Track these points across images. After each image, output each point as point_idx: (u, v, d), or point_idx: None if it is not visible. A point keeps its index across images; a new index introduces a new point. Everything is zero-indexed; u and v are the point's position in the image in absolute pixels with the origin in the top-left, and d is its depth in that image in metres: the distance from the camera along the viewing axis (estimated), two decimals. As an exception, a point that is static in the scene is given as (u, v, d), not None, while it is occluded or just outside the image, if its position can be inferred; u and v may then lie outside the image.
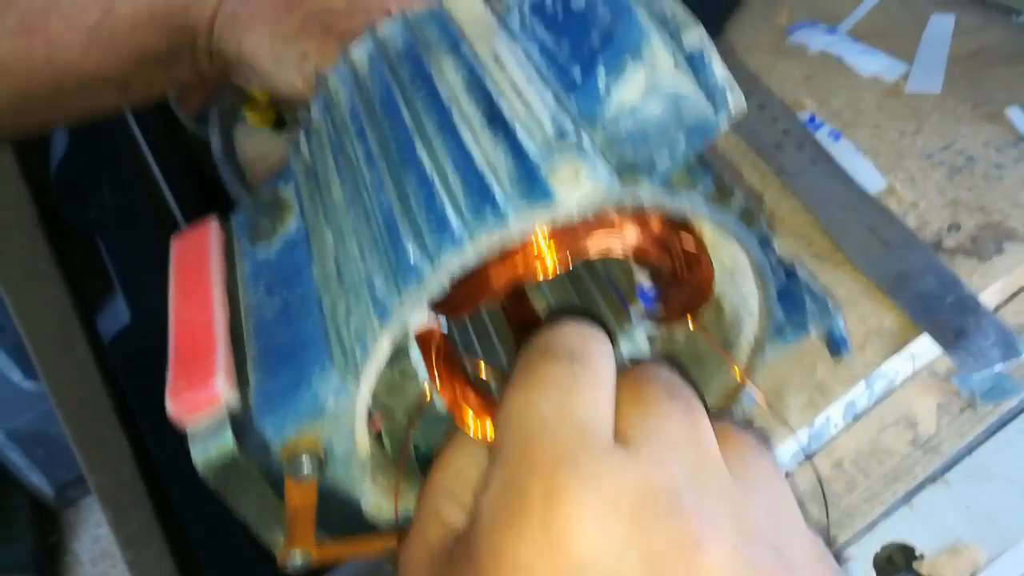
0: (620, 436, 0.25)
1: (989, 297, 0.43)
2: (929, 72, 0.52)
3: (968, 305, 0.40)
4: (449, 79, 0.30)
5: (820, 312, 0.34)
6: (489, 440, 0.29)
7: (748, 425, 0.30)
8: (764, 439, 0.29)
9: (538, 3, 0.30)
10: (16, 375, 1.40)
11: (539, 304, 0.39)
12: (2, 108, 0.48)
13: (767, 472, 0.27)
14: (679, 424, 0.26)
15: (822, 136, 0.50)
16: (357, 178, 0.30)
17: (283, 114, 0.49)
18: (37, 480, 1.47)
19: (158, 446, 1.01)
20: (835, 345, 0.35)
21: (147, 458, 1.04)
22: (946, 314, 0.40)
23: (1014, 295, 0.45)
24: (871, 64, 0.54)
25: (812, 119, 0.51)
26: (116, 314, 0.96)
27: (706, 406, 0.28)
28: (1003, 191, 0.45)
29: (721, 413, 0.34)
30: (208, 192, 0.80)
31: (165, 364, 0.31)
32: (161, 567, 1.04)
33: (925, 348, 0.43)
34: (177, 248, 0.35)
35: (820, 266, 0.44)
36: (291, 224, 0.34)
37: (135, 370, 0.97)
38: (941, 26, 0.55)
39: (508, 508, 0.24)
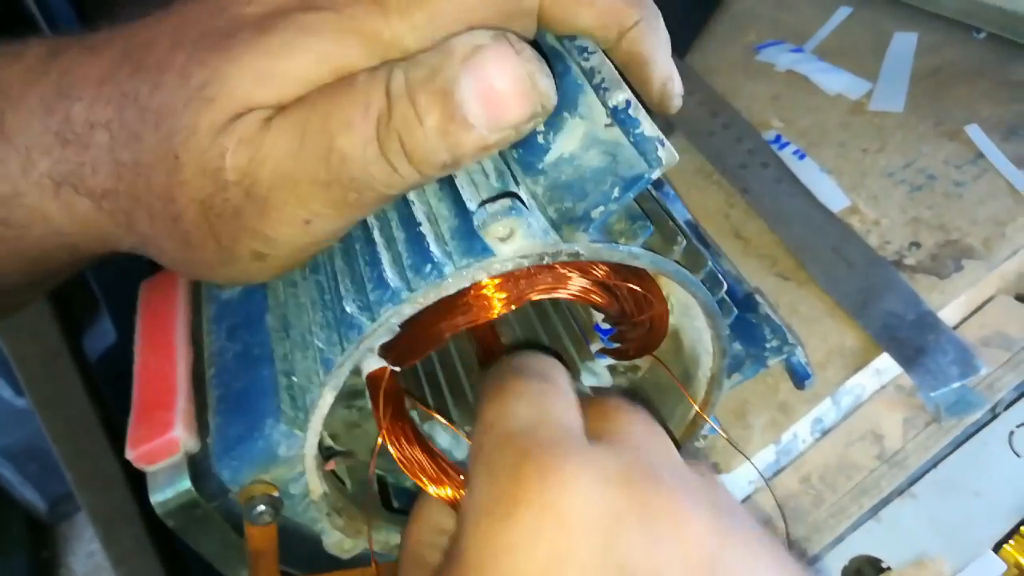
0: (593, 435, 0.27)
1: (949, 314, 0.44)
2: (892, 90, 0.53)
3: (927, 322, 0.41)
4: None
5: (780, 345, 0.35)
6: (436, 495, 0.30)
7: (700, 458, 0.31)
8: (712, 474, 0.31)
9: None
10: (7, 392, 1.40)
11: (507, 338, 0.40)
12: None
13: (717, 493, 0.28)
14: (643, 428, 0.27)
15: (787, 155, 0.51)
16: None
17: None
18: (30, 495, 1.47)
19: (148, 463, 1.01)
20: (796, 377, 0.36)
21: (137, 475, 1.03)
22: (906, 332, 0.41)
23: (975, 310, 0.46)
24: (836, 83, 0.55)
25: (778, 138, 0.52)
26: (103, 333, 0.97)
27: (671, 435, 0.29)
28: (962, 209, 0.46)
29: (681, 444, 0.35)
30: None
31: None
32: (154, 582, 1.04)
33: (890, 364, 0.44)
34: (145, 292, 0.36)
35: (784, 285, 0.45)
36: None
37: (122, 388, 0.97)
38: (904, 44, 0.56)
39: (499, 493, 0.24)
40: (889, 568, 0.40)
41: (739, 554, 0.25)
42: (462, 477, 0.30)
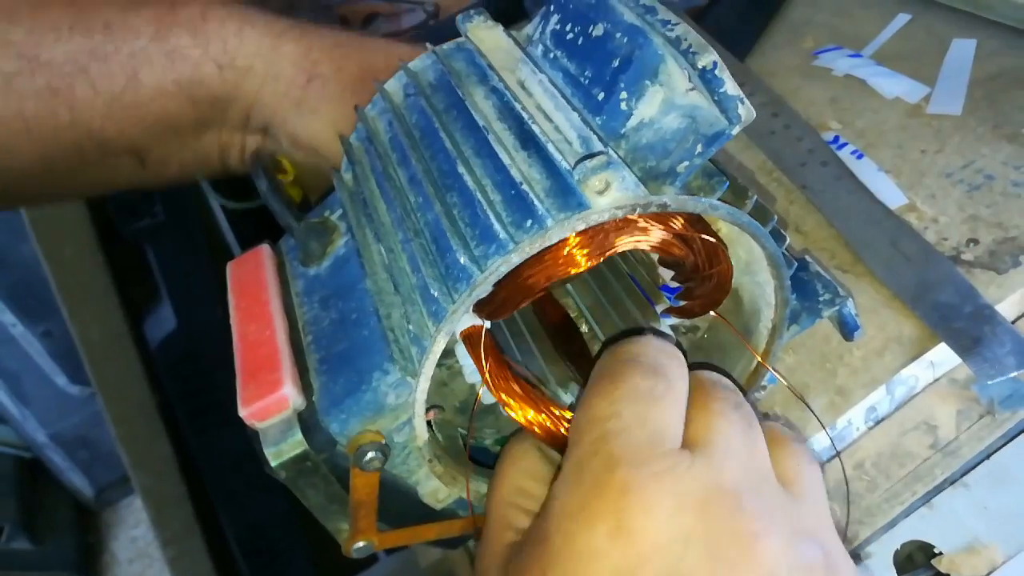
0: (688, 441, 0.29)
1: (1007, 308, 0.45)
2: (950, 94, 0.54)
3: (985, 315, 0.42)
4: (481, 107, 0.33)
5: (832, 297, 0.37)
6: (537, 429, 0.32)
7: (796, 432, 0.33)
8: (804, 443, 0.33)
9: (560, 33, 0.33)
10: (62, 380, 1.45)
11: (568, 303, 0.42)
12: (29, 171, 0.48)
13: (811, 477, 0.31)
14: (739, 436, 0.29)
15: (845, 155, 0.52)
16: (404, 200, 0.34)
17: (308, 195, 0.51)
18: (78, 481, 1.52)
19: (200, 449, 1.05)
20: (846, 327, 0.38)
21: (189, 460, 1.07)
22: (963, 323, 0.42)
23: (1033, 308, 0.47)
24: (894, 86, 0.56)
25: (836, 139, 0.53)
26: (163, 320, 1.00)
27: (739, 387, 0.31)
28: (1020, 208, 0.47)
29: (746, 394, 0.37)
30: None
31: (210, 369, 0.34)
32: (200, 565, 1.07)
33: (944, 357, 0.44)
34: (233, 272, 0.38)
35: (842, 277, 0.46)
36: (340, 245, 0.37)
37: (180, 375, 1.01)
38: (963, 50, 0.57)
39: (583, 497, 0.27)
40: (941, 553, 0.41)
41: None
42: (561, 412, 0.32)
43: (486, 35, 0.36)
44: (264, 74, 0.45)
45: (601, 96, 0.31)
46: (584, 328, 0.41)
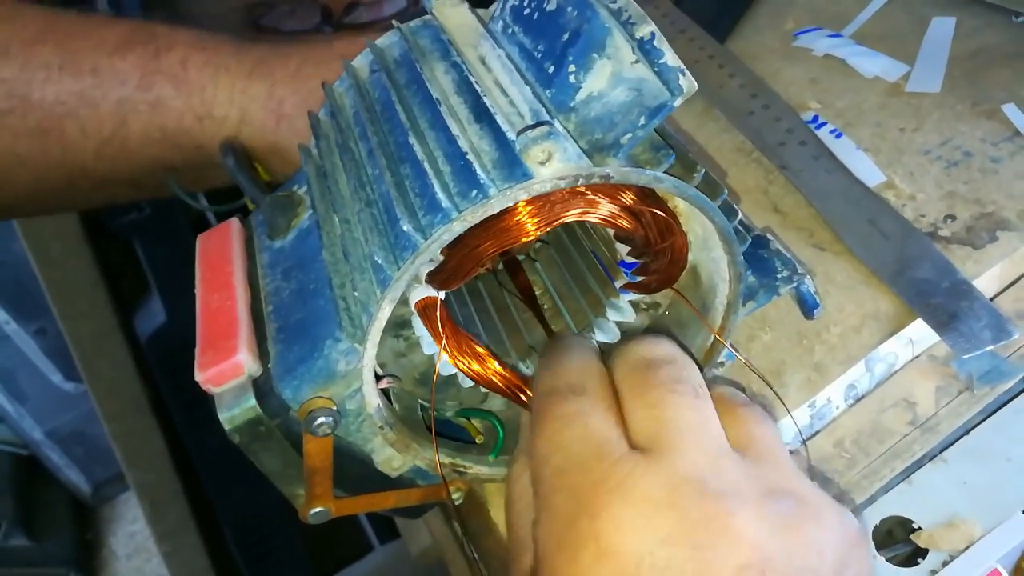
0: (636, 438, 0.29)
1: (985, 284, 0.45)
2: (929, 72, 0.54)
3: (961, 290, 0.42)
4: (441, 81, 0.34)
5: (790, 275, 0.37)
6: (499, 383, 0.33)
7: (747, 395, 0.33)
8: (760, 406, 0.33)
9: (518, 8, 0.34)
10: (57, 377, 1.45)
11: (536, 280, 0.43)
12: (19, 196, 0.51)
13: (766, 435, 0.31)
14: (685, 416, 0.29)
15: (824, 134, 0.52)
16: (360, 172, 0.34)
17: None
18: (75, 478, 1.52)
19: (193, 443, 1.05)
20: (805, 305, 0.38)
21: (183, 454, 1.07)
22: (940, 298, 0.42)
23: (1011, 283, 0.47)
24: (874, 65, 0.56)
25: (815, 119, 0.53)
26: (152, 314, 1.00)
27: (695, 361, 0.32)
28: (998, 183, 0.47)
29: (705, 371, 0.37)
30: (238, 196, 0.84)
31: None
32: (196, 559, 1.08)
33: (924, 334, 0.44)
34: (202, 244, 0.39)
35: (821, 256, 0.46)
36: (304, 218, 0.38)
37: (171, 368, 1.01)
38: (942, 28, 0.57)
39: (559, 534, 0.28)
40: (920, 529, 0.41)
41: (788, 541, 0.27)
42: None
43: (451, 12, 0.37)
44: (239, 121, 0.48)
45: (552, 69, 0.31)
46: (548, 304, 0.42)
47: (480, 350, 0.33)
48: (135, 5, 0.77)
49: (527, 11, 0.33)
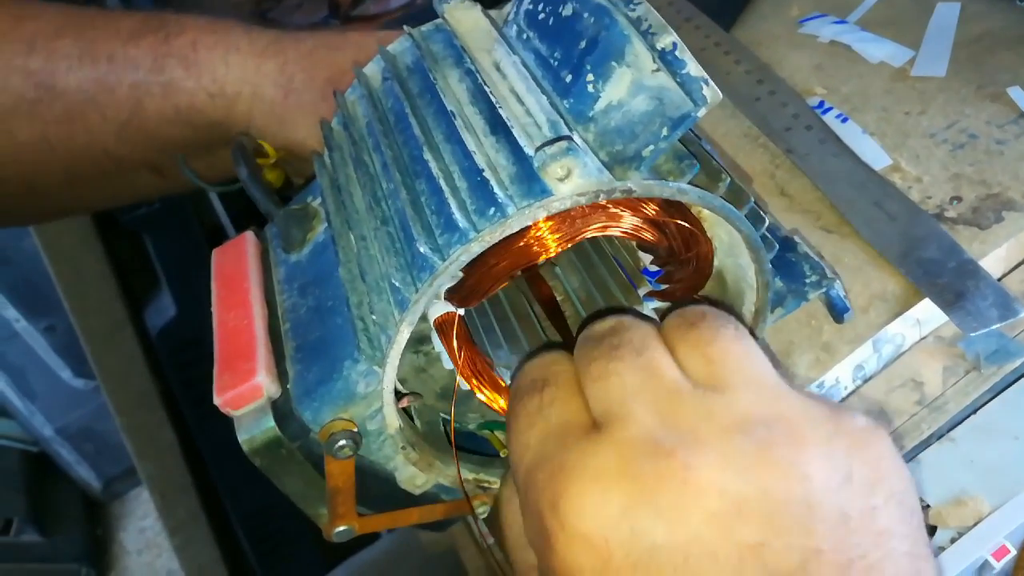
0: (594, 419, 0.28)
1: (991, 264, 0.45)
2: (935, 57, 0.54)
3: (968, 270, 0.43)
4: (454, 90, 0.33)
5: (819, 279, 0.36)
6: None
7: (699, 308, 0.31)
8: (724, 314, 0.30)
9: (532, 12, 0.33)
10: (66, 374, 1.46)
11: (556, 285, 0.42)
12: (56, 186, 0.54)
13: (726, 355, 0.28)
14: (629, 380, 0.28)
15: (830, 119, 0.52)
16: (375, 187, 0.34)
17: (291, 177, 0.53)
18: (85, 474, 1.53)
19: (203, 436, 1.05)
20: (835, 309, 0.38)
21: (193, 447, 1.08)
22: (947, 278, 0.43)
23: (1018, 264, 0.47)
24: (879, 51, 0.56)
25: (821, 104, 0.53)
26: (163, 308, 1.01)
27: None
28: (1004, 165, 0.47)
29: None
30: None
31: (210, 356, 0.34)
32: (206, 551, 1.08)
33: (931, 314, 0.45)
34: (217, 259, 0.38)
35: (828, 238, 0.47)
36: (320, 231, 0.38)
37: (181, 362, 1.01)
38: (947, 13, 0.57)
39: (538, 528, 0.27)
40: (929, 506, 0.41)
41: (760, 474, 0.25)
42: None
43: (463, 15, 0.36)
44: (251, 97, 0.49)
45: (569, 78, 0.30)
46: (569, 311, 0.41)
47: (499, 381, 0.33)
48: (147, 3, 0.78)
49: (542, 16, 0.32)
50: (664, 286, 0.36)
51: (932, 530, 0.40)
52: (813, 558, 0.24)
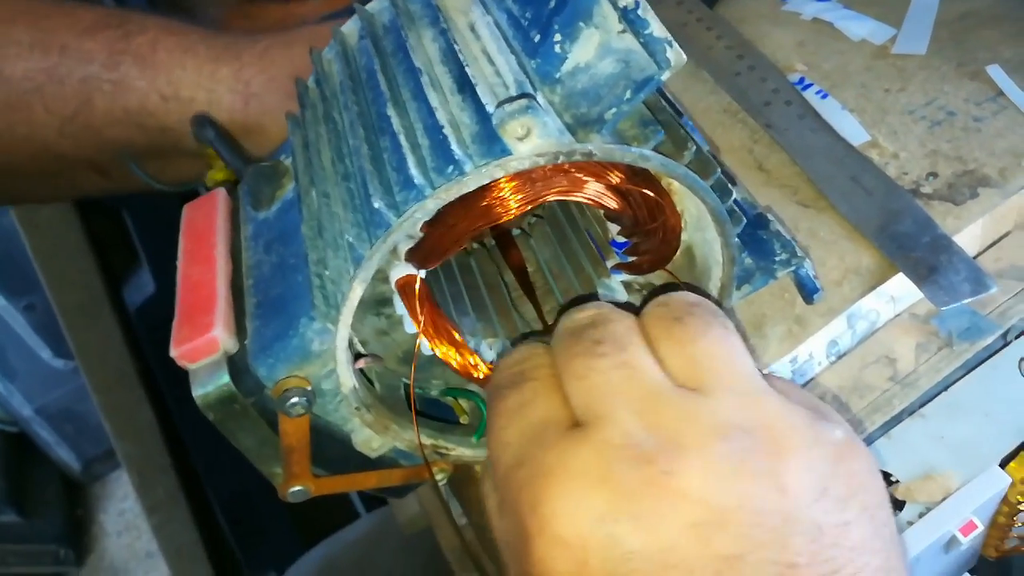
0: (575, 416, 0.28)
1: (967, 243, 0.45)
2: (916, 34, 0.54)
3: (941, 244, 0.43)
4: (427, 50, 0.33)
5: (789, 258, 0.36)
6: (474, 373, 0.33)
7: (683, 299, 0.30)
8: (710, 308, 0.30)
9: None
10: (46, 353, 1.45)
11: (528, 256, 0.42)
12: None
13: (711, 356, 0.28)
14: (610, 378, 0.27)
15: (810, 95, 0.52)
16: (341, 144, 0.33)
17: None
18: (65, 455, 1.52)
19: (182, 416, 1.05)
20: (805, 289, 0.38)
21: (172, 427, 1.07)
22: (921, 252, 0.42)
23: (993, 243, 0.47)
24: (861, 28, 0.56)
25: (801, 80, 0.53)
26: (141, 285, 1.00)
27: None
28: (980, 142, 0.47)
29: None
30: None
31: None
32: (185, 532, 1.08)
33: (905, 291, 0.45)
34: (187, 214, 0.38)
35: (805, 212, 0.47)
36: (289, 189, 0.37)
37: (160, 340, 1.00)
38: (929, -8, 0.57)
39: (514, 527, 0.27)
40: (898, 482, 0.41)
41: (740, 484, 0.25)
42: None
43: None
44: (207, 103, 0.48)
45: (537, 38, 0.30)
46: (540, 282, 0.41)
47: (457, 338, 0.32)
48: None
49: None
50: (631, 258, 0.36)
51: (900, 505, 0.40)
52: (788, 573, 0.24)
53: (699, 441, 0.26)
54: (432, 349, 0.33)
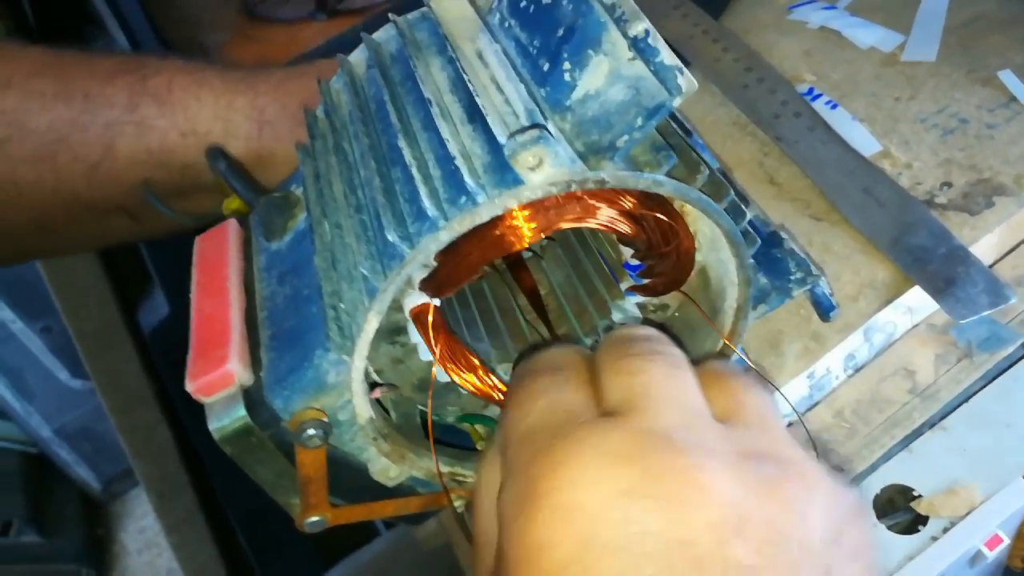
0: (609, 406, 0.28)
1: (983, 250, 0.45)
2: (925, 41, 0.54)
3: (958, 256, 0.42)
4: (436, 79, 0.33)
5: (804, 276, 0.36)
6: (495, 396, 0.32)
7: (736, 366, 0.32)
8: (753, 377, 0.31)
9: (514, 0, 0.33)
10: (63, 374, 1.46)
11: (540, 279, 0.42)
12: (22, 230, 0.52)
13: (755, 404, 0.29)
14: (661, 382, 0.28)
15: (819, 106, 0.51)
16: (352, 175, 0.33)
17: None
18: (85, 474, 1.53)
19: (199, 435, 1.05)
20: (821, 307, 0.37)
21: (189, 446, 1.08)
22: (937, 265, 0.42)
23: (1011, 250, 0.47)
24: (869, 36, 0.56)
25: (810, 91, 0.53)
26: (156, 307, 1.01)
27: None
28: (994, 149, 0.47)
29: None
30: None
31: None
32: (204, 550, 1.08)
33: (922, 302, 0.44)
34: (199, 246, 0.38)
35: (818, 226, 0.46)
36: (301, 220, 0.37)
37: (175, 361, 1.00)
38: (937, -2, 0.57)
39: (519, 496, 0.26)
40: (920, 496, 0.41)
41: (767, 503, 0.25)
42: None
43: (449, 4, 0.36)
44: (223, 134, 0.49)
45: (547, 67, 0.30)
46: (553, 305, 0.41)
47: (476, 362, 0.32)
48: (141, 20, 0.78)
49: (523, 3, 0.32)
50: (645, 280, 0.36)
51: (924, 520, 0.40)
52: None
53: (733, 455, 0.26)
54: (450, 376, 0.33)
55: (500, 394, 0.33)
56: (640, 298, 0.37)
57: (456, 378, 0.33)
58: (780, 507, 0.25)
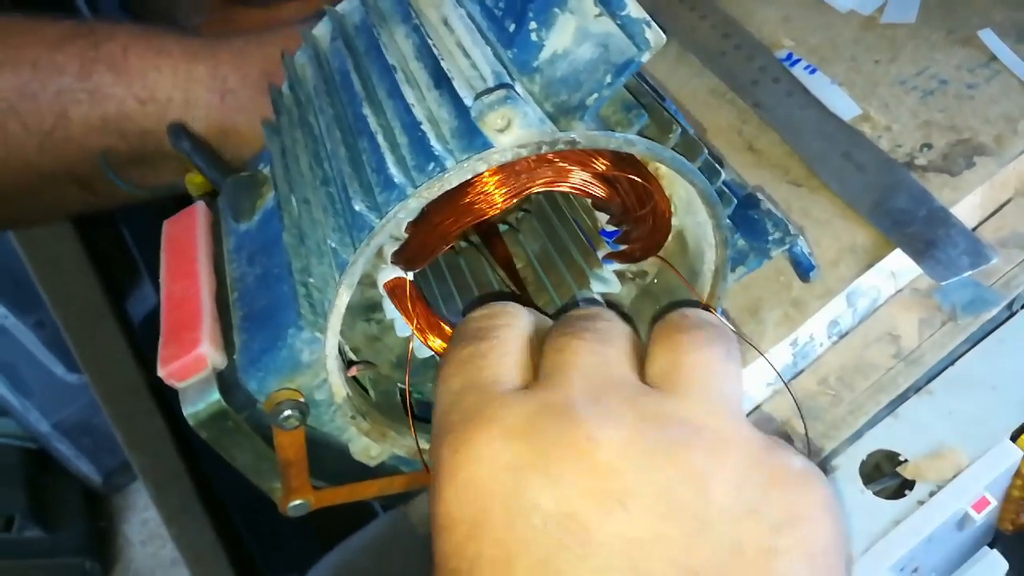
0: (534, 377, 0.28)
1: (965, 212, 0.44)
2: (904, 3, 0.53)
3: (938, 217, 0.42)
4: (400, 46, 0.32)
5: (782, 236, 0.35)
6: None
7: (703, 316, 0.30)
8: (721, 329, 0.29)
9: None
10: (59, 369, 1.45)
11: (518, 252, 0.42)
12: None
13: (693, 366, 0.27)
14: (579, 359, 0.27)
15: (798, 71, 0.51)
16: (319, 148, 0.33)
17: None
18: (85, 468, 1.53)
19: (193, 424, 1.05)
20: (800, 267, 0.37)
21: (184, 436, 1.08)
22: (918, 227, 0.42)
23: (993, 212, 0.46)
24: (848, 0, 0.55)
25: (789, 56, 0.52)
26: (144, 297, 1.00)
27: None
28: (974, 109, 0.46)
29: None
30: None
31: None
32: (204, 539, 1.08)
33: (905, 266, 0.44)
34: (167, 230, 0.38)
35: (797, 192, 0.46)
36: (269, 199, 0.37)
37: (167, 350, 1.00)
38: (918, -43, 0.56)
39: (436, 474, 0.26)
40: (907, 460, 0.40)
41: (662, 470, 0.24)
42: None
43: None
44: (184, 103, 0.48)
45: (512, 28, 0.30)
46: (531, 276, 0.41)
47: (448, 331, 0.32)
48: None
49: None
50: (622, 246, 0.35)
51: (910, 484, 0.40)
52: None
53: (635, 421, 0.25)
54: (428, 346, 0.33)
55: None
56: (618, 265, 0.37)
57: (434, 346, 0.32)
58: (676, 477, 0.24)
